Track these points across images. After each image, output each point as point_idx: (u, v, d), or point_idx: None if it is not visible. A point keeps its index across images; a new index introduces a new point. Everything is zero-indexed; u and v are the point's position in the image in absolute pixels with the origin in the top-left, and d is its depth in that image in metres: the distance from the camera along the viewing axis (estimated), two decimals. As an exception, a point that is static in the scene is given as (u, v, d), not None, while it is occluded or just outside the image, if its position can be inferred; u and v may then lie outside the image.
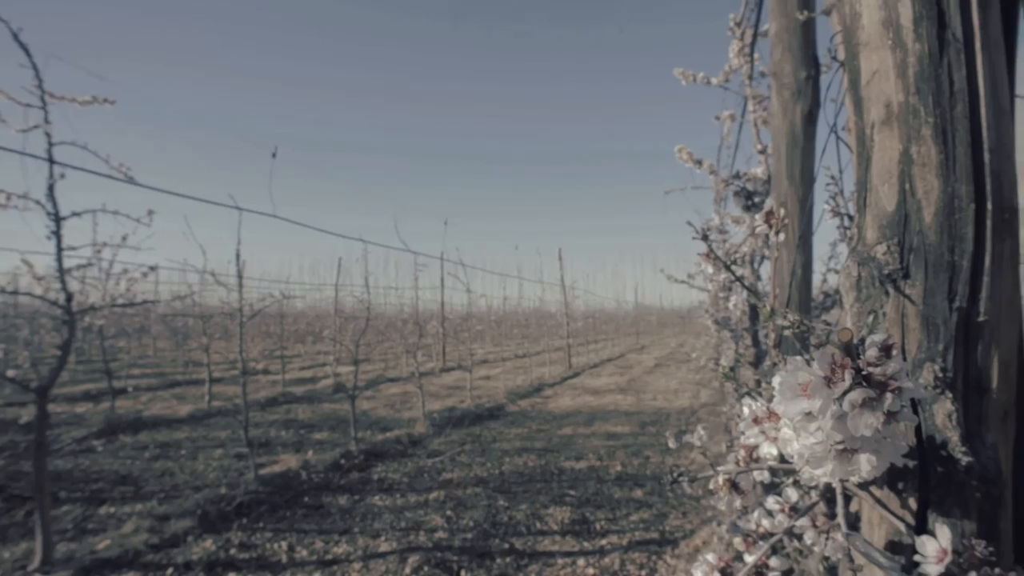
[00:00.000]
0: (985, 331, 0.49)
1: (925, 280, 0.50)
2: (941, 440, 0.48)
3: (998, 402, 0.49)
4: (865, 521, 0.54)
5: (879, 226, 0.53)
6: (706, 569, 0.49)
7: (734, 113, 2.82)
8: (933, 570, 0.41)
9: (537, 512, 3.90)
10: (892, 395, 0.36)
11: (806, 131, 1.26)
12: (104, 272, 4.87)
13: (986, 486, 0.47)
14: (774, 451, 0.49)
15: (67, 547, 3.20)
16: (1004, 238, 0.48)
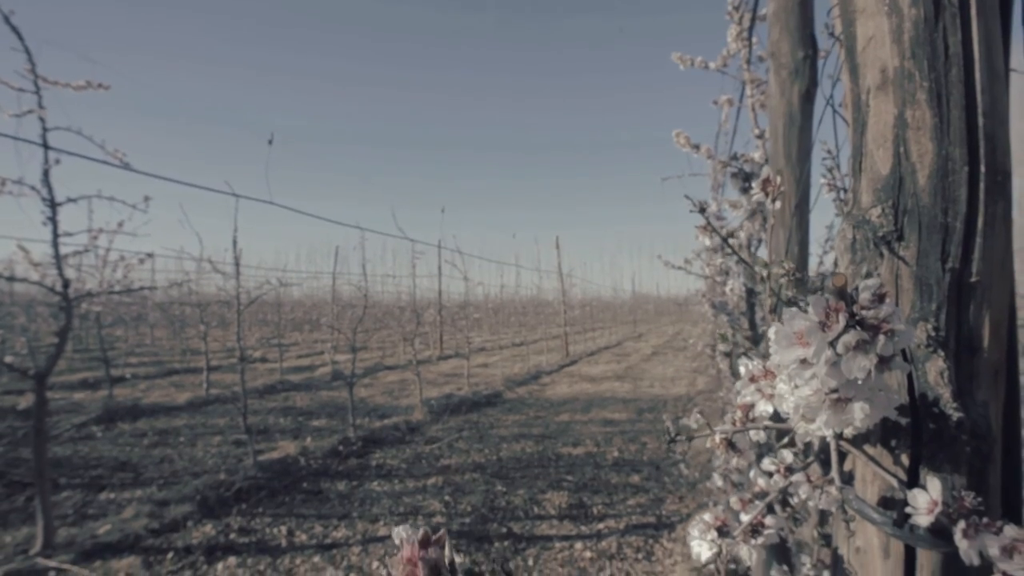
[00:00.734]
0: (977, 291, 0.49)
1: (919, 242, 0.51)
2: (933, 397, 0.49)
3: (989, 361, 0.50)
4: (859, 479, 0.55)
5: (874, 190, 0.54)
6: (703, 527, 0.50)
7: (732, 98, 2.82)
8: (923, 520, 0.42)
9: (535, 497, 3.92)
10: (885, 337, 0.37)
11: (803, 111, 1.26)
12: (101, 260, 4.86)
13: (976, 441, 0.48)
14: (770, 409, 0.50)
15: (68, 532, 3.22)
16: (997, 200, 0.49)
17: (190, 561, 2.97)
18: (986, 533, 0.41)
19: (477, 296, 14.85)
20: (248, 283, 6.72)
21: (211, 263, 5.13)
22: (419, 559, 0.20)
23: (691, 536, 0.51)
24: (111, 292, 3.54)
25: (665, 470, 4.53)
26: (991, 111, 0.49)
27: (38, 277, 3.48)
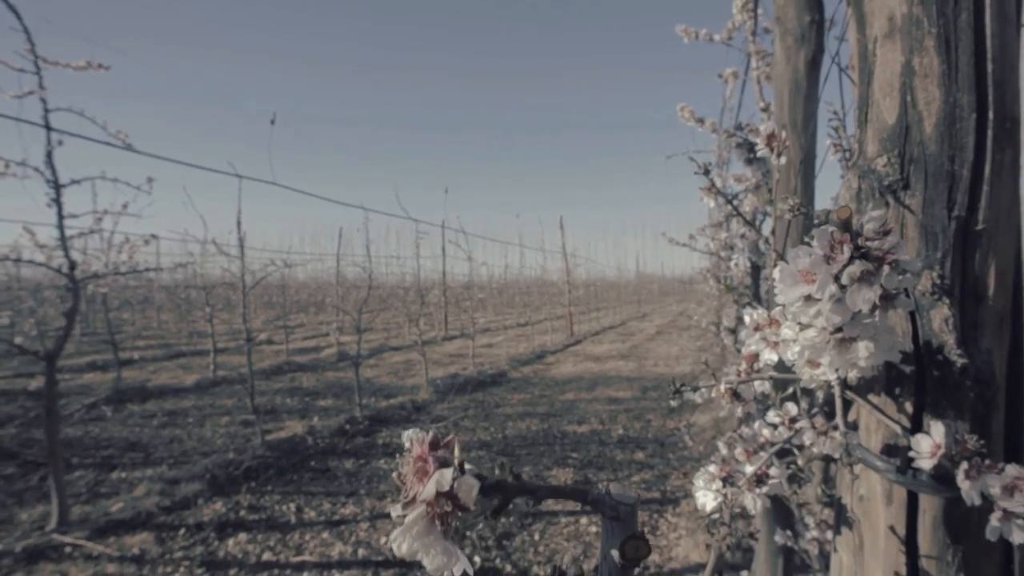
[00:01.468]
0: (983, 239, 0.49)
1: (924, 190, 0.51)
2: (938, 344, 0.49)
3: (994, 309, 0.50)
4: (863, 428, 0.55)
5: (879, 139, 0.53)
6: (707, 478, 0.51)
7: (737, 71, 2.79)
8: (926, 464, 0.43)
9: (541, 474, 3.96)
10: (889, 268, 0.37)
11: (809, 77, 1.25)
12: (106, 242, 4.87)
13: (980, 388, 0.48)
14: (775, 357, 0.50)
15: (82, 509, 3.27)
16: (1005, 147, 0.49)
17: (201, 537, 3.02)
18: (988, 474, 0.41)
19: (481, 277, 14.85)
20: (253, 265, 6.73)
21: (216, 245, 5.14)
22: (429, 455, 0.20)
23: (696, 487, 0.51)
24: (117, 273, 3.56)
25: (669, 447, 4.56)
26: (1001, 57, 0.48)
27: (44, 259, 3.50)
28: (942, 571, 0.51)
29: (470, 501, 0.21)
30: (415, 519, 0.20)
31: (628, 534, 0.21)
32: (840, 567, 0.59)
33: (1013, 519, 0.40)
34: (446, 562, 0.21)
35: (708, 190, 0.68)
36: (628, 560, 0.21)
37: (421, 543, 0.20)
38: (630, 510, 0.21)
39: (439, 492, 0.20)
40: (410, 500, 0.20)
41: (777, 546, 1.70)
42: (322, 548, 2.92)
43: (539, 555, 2.89)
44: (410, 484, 0.21)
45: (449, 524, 0.21)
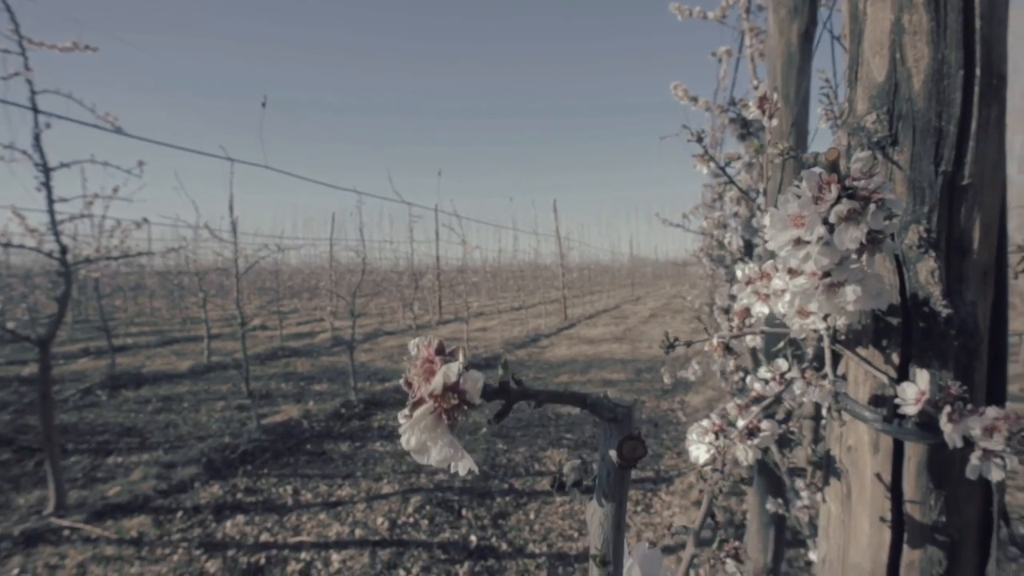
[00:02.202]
0: (969, 194, 0.50)
1: (912, 146, 0.52)
2: (924, 296, 0.51)
3: (979, 262, 0.51)
4: (851, 381, 0.57)
5: (869, 97, 0.54)
6: (700, 432, 0.52)
7: (731, 49, 2.78)
8: (911, 410, 0.44)
9: (535, 455, 4.00)
10: (875, 206, 0.38)
11: (802, 50, 1.25)
12: (97, 227, 4.84)
13: (964, 338, 0.49)
14: (766, 310, 0.51)
15: (78, 494, 3.29)
16: (991, 103, 0.50)
17: (199, 519, 3.03)
18: (970, 417, 0.42)
19: (475, 261, 14.84)
20: (246, 250, 6.70)
21: (208, 229, 5.11)
22: (436, 358, 0.21)
23: (690, 440, 0.53)
24: (109, 258, 3.54)
25: (663, 427, 4.61)
26: (989, 13, 0.49)
27: (35, 244, 3.48)
28: (925, 515, 0.53)
29: (476, 395, 0.21)
30: (423, 413, 0.21)
31: (625, 435, 0.22)
32: (828, 517, 0.61)
33: (992, 458, 0.42)
34: (452, 454, 0.22)
35: (701, 157, 0.69)
36: (625, 460, 0.22)
37: (429, 436, 0.21)
38: (627, 412, 0.22)
39: (446, 385, 0.21)
40: (417, 400, 0.21)
41: (768, 518, 1.73)
42: (319, 529, 2.94)
43: (534, 533, 2.92)
44: (417, 385, 0.21)
45: (455, 419, 0.22)
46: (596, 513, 0.23)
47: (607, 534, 0.23)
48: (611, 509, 0.23)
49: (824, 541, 0.61)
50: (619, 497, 0.23)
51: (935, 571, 0.52)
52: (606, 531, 0.23)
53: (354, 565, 2.60)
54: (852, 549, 0.57)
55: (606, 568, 0.22)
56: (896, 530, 0.53)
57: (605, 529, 0.23)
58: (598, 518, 0.23)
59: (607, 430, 0.22)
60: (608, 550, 0.23)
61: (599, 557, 0.22)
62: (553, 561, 2.65)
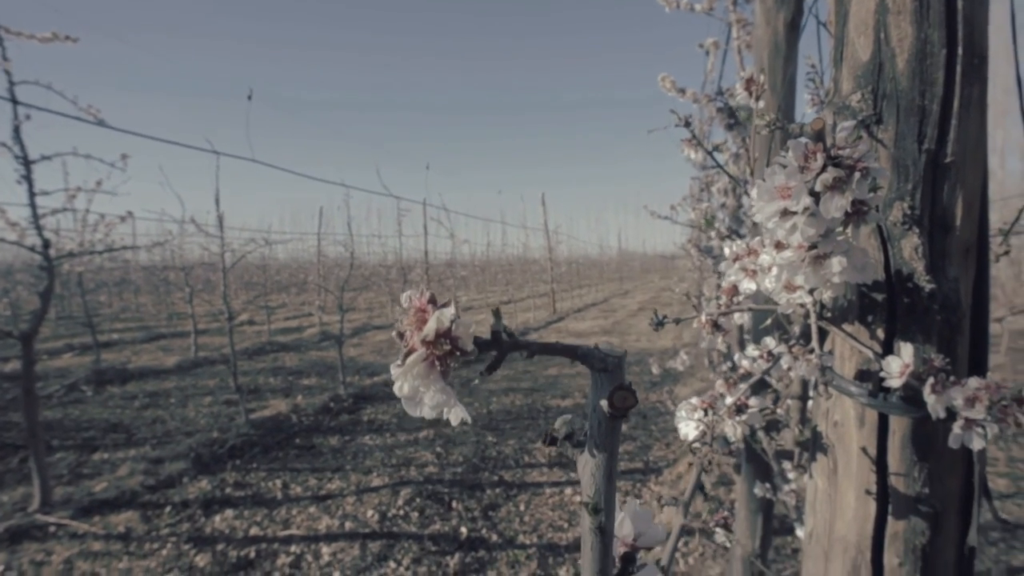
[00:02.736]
0: (951, 171, 0.51)
1: (897, 124, 0.52)
2: (908, 272, 0.51)
3: (961, 239, 0.52)
4: (837, 357, 0.58)
5: (854, 76, 0.55)
6: (689, 409, 0.52)
7: (718, 40, 2.78)
8: (896, 383, 0.45)
9: (525, 447, 4.01)
10: (860, 175, 0.39)
11: (788, 40, 1.26)
12: (80, 222, 4.77)
13: (947, 313, 0.50)
14: (753, 286, 0.52)
15: (64, 490, 3.26)
16: (973, 83, 0.50)
17: (188, 514, 3.02)
18: (952, 388, 0.43)
19: (463, 255, 14.81)
20: (232, 244, 6.64)
21: (195, 223, 5.05)
22: (429, 307, 0.21)
23: (679, 417, 0.53)
24: (93, 252, 3.50)
25: (651, 419, 4.64)
26: (970, -7, 0.49)
27: (16, 238, 3.43)
28: (909, 487, 0.54)
29: (468, 341, 0.22)
30: (415, 360, 0.21)
31: (615, 385, 0.22)
32: (816, 492, 0.62)
33: (974, 427, 0.43)
34: (445, 400, 0.22)
35: (689, 141, 0.69)
36: (616, 409, 0.22)
37: (422, 382, 0.21)
38: (618, 362, 0.23)
39: (438, 332, 0.21)
40: (410, 350, 0.21)
41: (756, 504, 1.75)
42: (309, 522, 2.94)
43: (525, 524, 2.94)
44: (409, 335, 0.21)
45: (448, 366, 0.22)
46: (588, 464, 0.23)
47: (599, 484, 0.23)
48: (602, 459, 0.23)
49: (811, 516, 0.62)
50: (610, 447, 0.23)
51: (919, 541, 0.53)
52: (598, 481, 0.23)
53: (344, 558, 2.59)
54: (838, 522, 0.58)
55: (598, 516, 0.22)
56: (881, 502, 0.54)
57: (597, 479, 0.23)
58: (590, 468, 0.23)
59: (598, 380, 0.23)
60: (600, 499, 0.23)
61: (591, 504, 0.23)
62: (543, 552, 2.67)
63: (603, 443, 0.23)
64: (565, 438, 0.25)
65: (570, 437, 0.25)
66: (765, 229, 0.43)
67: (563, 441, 0.25)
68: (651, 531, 0.27)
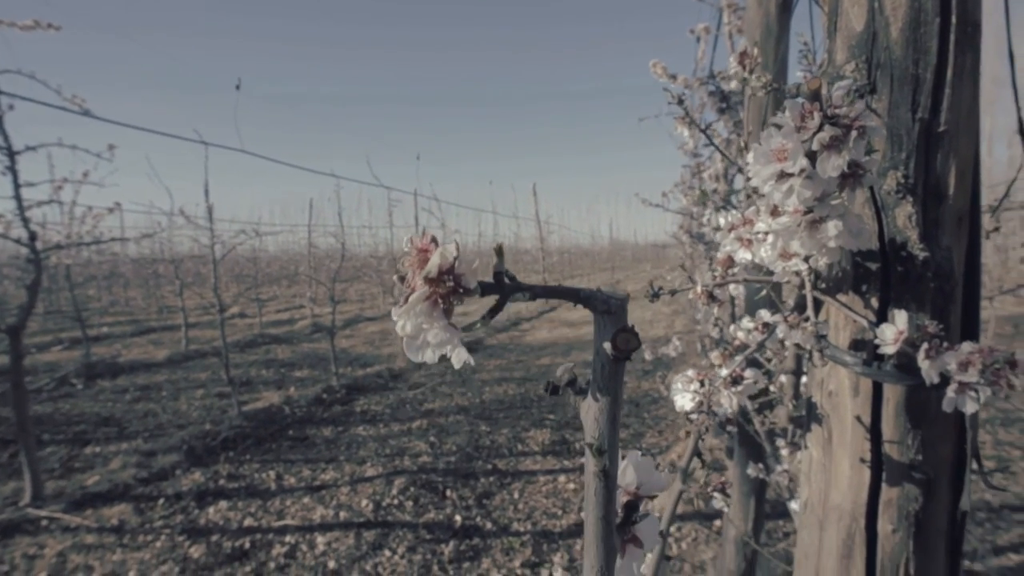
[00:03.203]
0: (945, 140, 0.51)
1: (890, 93, 0.53)
2: (902, 240, 0.52)
3: (954, 208, 0.52)
4: (832, 327, 0.58)
5: (848, 47, 0.55)
6: (685, 381, 0.53)
7: (708, 26, 2.78)
8: (890, 349, 0.45)
9: (518, 435, 4.02)
10: (856, 133, 0.39)
11: (780, 21, 1.26)
12: (67, 214, 4.72)
13: (940, 281, 0.51)
14: (749, 256, 0.52)
15: (56, 484, 3.24)
16: (966, 51, 0.51)
17: (181, 506, 3.01)
18: (946, 353, 0.44)
19: (455, 246, 14.69)
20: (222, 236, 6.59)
21: (184, 214, 5.01)
22: (431, 247, 0.21)
23: (675, 390, 0.54)
24: (81, 244, 3.46)
25: (644, 407, 4.66)
26: (963, -39, 0.50)
27: (2, 230, 3.38)
28: (903, 454, 0.54)
29: (472, 278, 0.21)
30: (417, 298, 0.21)
31: (619, 327, 0.22)
32: (810, 462, 0.62)
33: (967, 391, 0.43)
34: (448, 338, 0.22)
35: (682, 119, 0.69)
36: (619, 351, 0.22)
37: (425, 319, 0.21)
38: (621, 304, 0.23)
39: (441, 269, 0.21)
40: (411, 291, 0.21)
41: (749, 487, 1.77)
42: (303, 512, 2.94)
43: (519, 512, 2.95)
44: (411, 276, 0.21)
45: (451, 304, 0.22)
46: (591, 409, 0.23)
47: (602, 428, 0.23)
48: (606, 403, 0.23)
49: (806, 486, 0.63)
50: (614, 391, 0.23)
51: (912, 507, 0.54)
52: (601, 425, 0.23)
53: (339, 547, 2.60)
54: (833, 491, 0.58)
55: (602, 457, 0.22)
56: (875, 470, 0.55)
57: (600, 424, 0.23)
58: (593, 413, 0.23)
59: (600, 323, 0.23)
60: (604, 442, 0.23)
61: (595, 446, 0.23)
62: (537, 538, 2.68)
63: (606, 386, 0.23)
64: (567, 384, 0.25)
65: (572, 384, 0.25)
66: (760, 197, 0.43)
67: (565, 388, 0.25)
68: (654, 479, 0.27)
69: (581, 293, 0.22)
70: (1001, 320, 6.34)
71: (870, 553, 0.55)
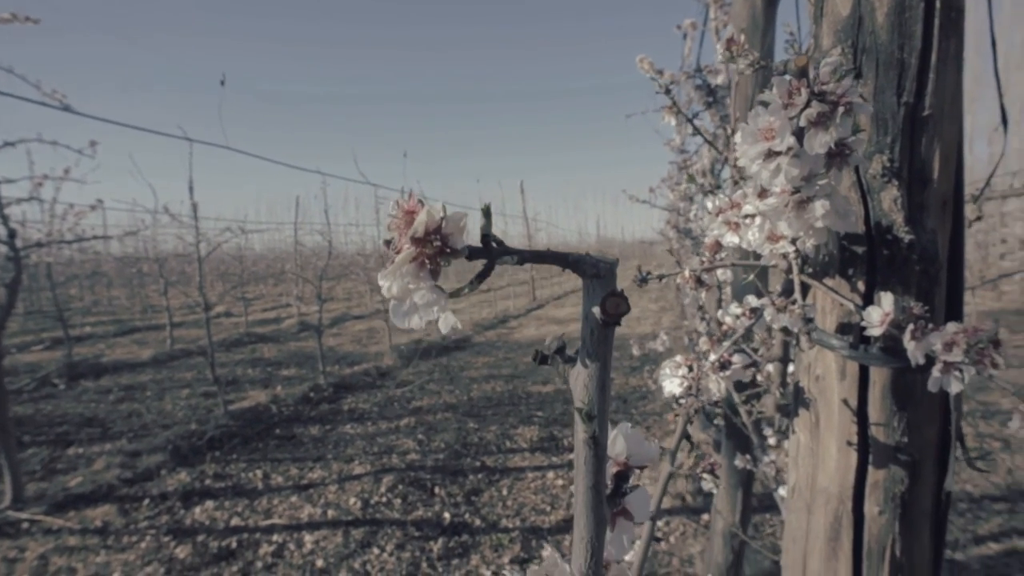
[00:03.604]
0: (929, 124, 0.52)
1: (876, 78, 0.53)
2: (888, 224, 0.52)
3: (938, 192, 0.53)
4: (819, 311, 0.59)
5: (834, 32, 0.55)
6: (673, 366, 0.53)
7: (695, 21, 2.79)
8: (877, 331, 0.46)
9: (507, 432, 4.02)
10: (844, 110, 0.39)
11: (767, 14, 1.27)
12: (47, 212, 4.64)
13: (925, 264, 0.51)
14: (736, 239, 0.52)
15: (37, 486, 3.19)
16: (950, 36, 0.51)
17: (167, 507, 2.98)
18: (931, 334, 0.44)
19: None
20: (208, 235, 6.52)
21: (168, 212, 4.94)
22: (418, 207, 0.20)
23: (663, 375, 0.54)
24: (62, 242, 3.41)
25: (632, 403, 4.68)
26: (947, -54, 0.50)
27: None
28: (889, 436, 0.55)
29: (460, 237, 0.21)
30: (403, 259, 0.21)
31: (608, 291, 0.22)
32: (798, 446, 0.63)
33: (952, 371, 0.44)
34: (435, 299, 0.21)
35: (669, 108, 0.69)
36: (609, 316, 0.22)
37: (411, 280, 0.21)
38: (610, 268, 0.22)
39: (428, 229, 0.20)
40: (399, 251, 0.21)
41: (736, 479, 1.78)
42: (291, 511, 2.92)
43: (507, 509, 2.95)
44: (398, 239, 0.21)
45: (439, 265, 0.21)
46: (580, 375, 0.23)
47: (592, 395, 0.23)
48: (595, 369, 0.23)
49: (794, 470, 0.63)
50: (603, 356, 0.23)
51: (898, 489, 0.54)
52: (591, 392, 0.23)
53: (327, 545, 2.58)
54: (821, 475, 0.59)
55: (592, 423, 0.22)
56: (862, 453, 0.55)
57: (590, 390, 0.23)
58: (582, 379, 0.23)
59: (589, 288, 0.22)
60: (593, 408, 0.23)
61: (585, 410, 0.22)
62: (526, 535, 2.68)
63: (596, 351, 0.23)
64: (556, 352, 0.25)
65: (561, 351, 0.24)
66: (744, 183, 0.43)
67: (554, 356, 0.25)
68: (643, 449, 0.27)
69: (570, 257, 0.22)
70: (981, 315, 6.43)
71: (857, 535, 0.56)
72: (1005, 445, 3.39)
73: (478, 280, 0.22)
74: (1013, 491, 2.85)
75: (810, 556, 0.60)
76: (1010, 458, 3.21)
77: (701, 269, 0.55)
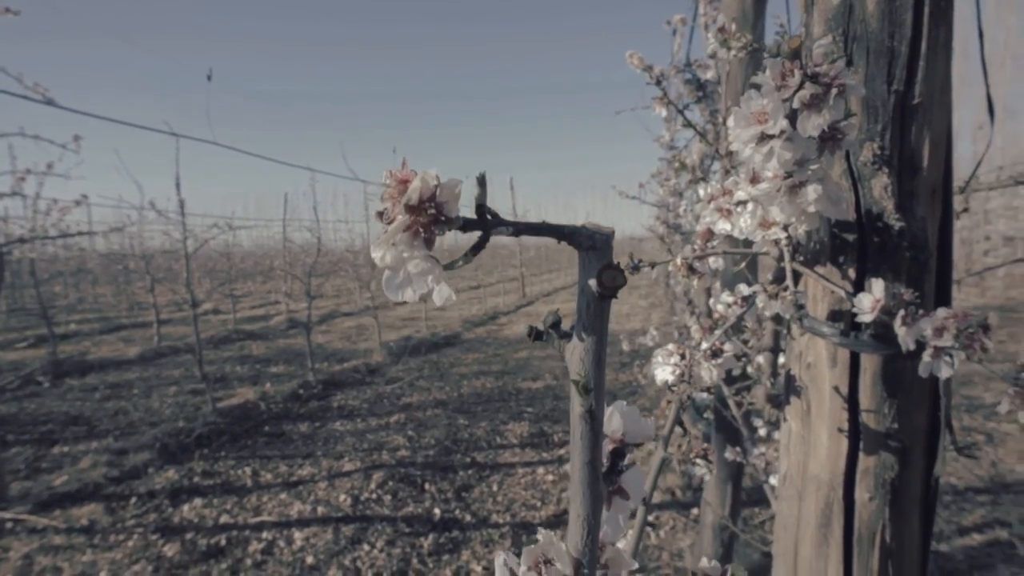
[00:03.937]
0: (919, 112, 0.52)
1: (867, 66, 0.53)
2: (878, 211, 0.53)
3: (928, 179, 0.53)
4: (810, 299, 0.59)
5: (825, 20, 0.56)
6: (665, 355, 0.53)
7: (685, 17, 2.79)
8: (868, 318, 0.46)
9: (497, 428, 4.02)
10: (837, 91, 0.39)
11: (756, 6, 1.27)
12: (30, 208, 4.57)
13: (915, 251, 0.52)
14: (728, 227, 0.52)
15: (21, 485, 3.15)
16: (940, 25, 0.52)
17: (154, 505, 2.96)
18: (922, 319, 0.44)
19: (432, 241, 14.62)
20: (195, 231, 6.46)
21: (154, 207, 4.89)
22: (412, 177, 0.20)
23: (655, 364, 0.54)
24: (46, 238, 3.36)
25: (622, 399, 4.68)
26: (937, -66, 0.50)
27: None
28: (880, 423, 0.55)
29: (454, 205, 0.21)
30: (396, 228, 0.20)
31: (604, 264, 0.22)
32: (789, 434, 0.63)
33: (942, 355, 0.44)
34: (430, 268, 0.21)
35: (660, 99, 0.69)
36: (605, 288, 0.22)
37: (405, 248, 0.20)
38: (606, 240, 0.22)
39: (422, 197, 0.20)
40: (391, 220, 0.21)
41: (726, 473, 1.79)
42: (281, 508, 2.90)
43: (498, 504, 2.95)
44: (391, 209, 0.21)
45: (433, 234, 0.21)
46: (576, 349, 0.23)
47: (588, 369, 0.23)
48: (591, 343, 0.23)
49: (785, 458, 0.64)
50: (599, 330, 0.23)
51: (888, 475, 0.55)
52: (587, 365, 0.23)
53: (317, 542, 2.58)
54: (811, 462, 0.59)
55: (588, 396, 0.22)
56: (852, 439, 0.56)
57: (586, 363, 0.23)
58: (578, 353, 0.23)
59: (585, 260, 0.22)
60: (589, 381, 0.22)
61: (581, 383, 0.22)
62: (516, 530, 2.69)
63: (592, 325, 0.23)
64: (551, 327, 0.24)
65: (556, 326, 0.24)
66: (736, 168, 0.43)
67: (549, 331, 0.24)
68: (639, 427, 0.26)
69: (565, 229, 0.22)
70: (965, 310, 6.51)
71: (848, 521, 0.56)
72: (989, 438, 3.44)
73: (473, 252, 0.22)
74: (996, 483, 2.89)
75: (801, 543, 0.60)
76: (994, 451, 3.26)
77: (693, 257, 0.55)
